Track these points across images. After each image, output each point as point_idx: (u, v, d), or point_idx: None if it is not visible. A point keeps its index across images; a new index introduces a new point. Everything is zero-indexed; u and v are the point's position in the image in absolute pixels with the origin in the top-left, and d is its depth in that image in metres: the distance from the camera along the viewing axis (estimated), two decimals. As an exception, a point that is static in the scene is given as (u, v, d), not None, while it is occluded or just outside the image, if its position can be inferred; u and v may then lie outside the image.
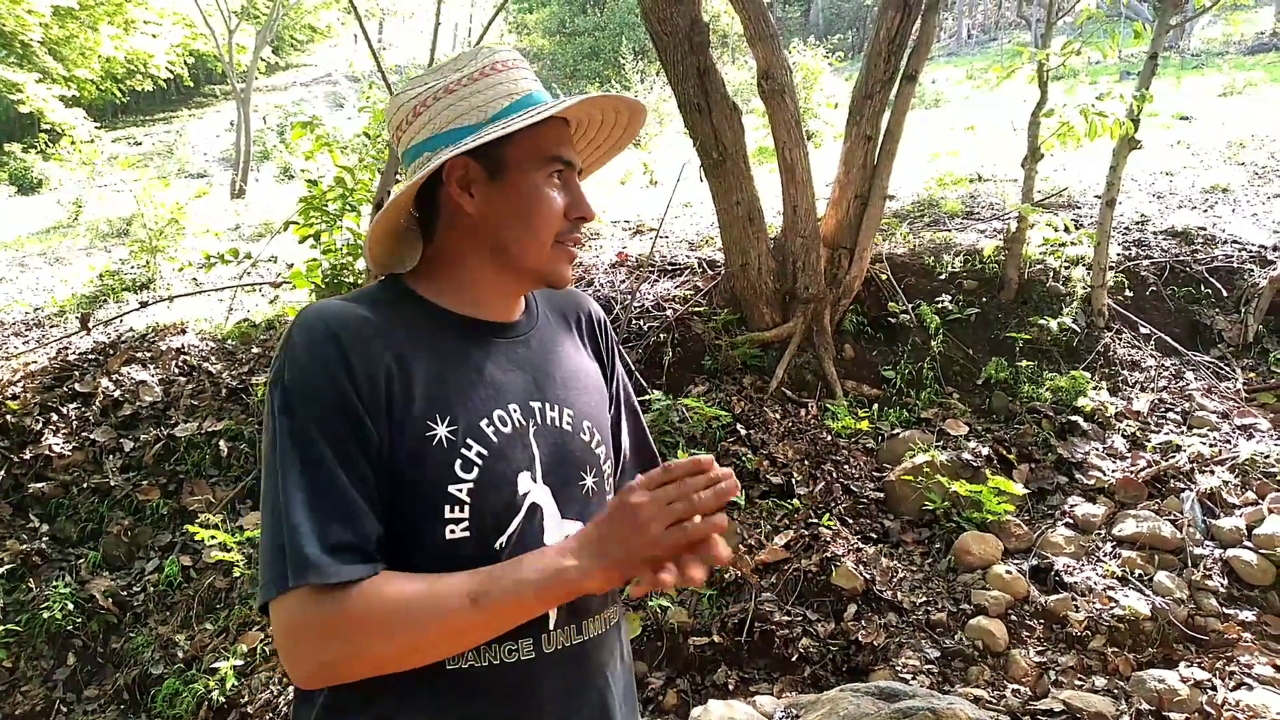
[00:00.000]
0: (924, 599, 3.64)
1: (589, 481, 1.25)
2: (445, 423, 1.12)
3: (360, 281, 5.07)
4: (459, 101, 1.20)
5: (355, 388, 1.08)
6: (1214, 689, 3.14)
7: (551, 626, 1.19)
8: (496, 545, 1.14)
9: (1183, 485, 4.19)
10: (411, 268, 1.26)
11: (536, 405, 1.22)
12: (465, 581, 1.04)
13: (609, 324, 1.47)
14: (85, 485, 4.53)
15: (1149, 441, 4.53)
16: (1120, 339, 5.28)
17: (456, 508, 1.11)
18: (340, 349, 1.09)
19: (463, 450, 1.12)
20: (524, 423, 1.19)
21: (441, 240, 1.24)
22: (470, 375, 1.18)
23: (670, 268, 5.98)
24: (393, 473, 1.09)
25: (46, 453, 4.62)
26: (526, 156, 1.19)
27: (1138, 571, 3.73)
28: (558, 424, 1.23)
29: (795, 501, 4.13)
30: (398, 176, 4.46)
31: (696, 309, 5.32)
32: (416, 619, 1.03)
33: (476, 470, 1.13)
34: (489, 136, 1.15)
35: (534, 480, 1.18)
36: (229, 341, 5.46)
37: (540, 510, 1.18)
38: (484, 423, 1.15)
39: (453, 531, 1.11)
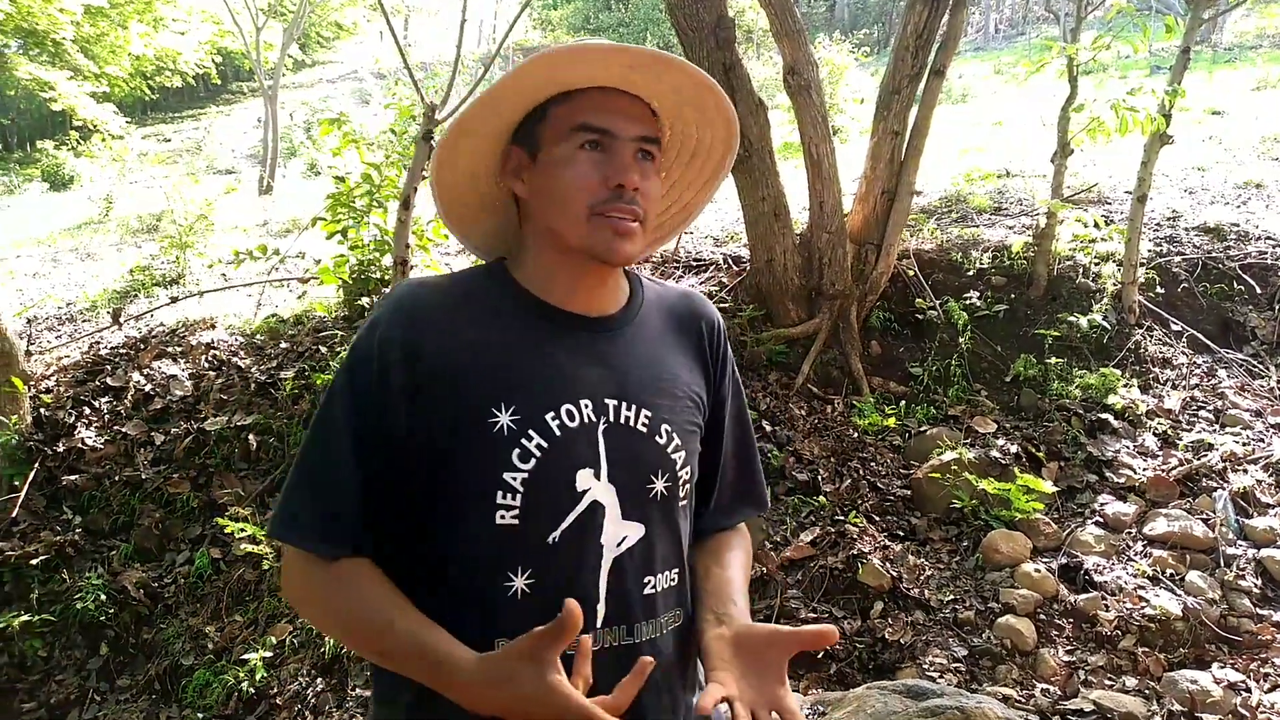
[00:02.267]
0: (951, 597, 3.62)
1: (659, 486, 1.21)
2: (508, 411, 1.13)
3: (387, 278, 5.10)
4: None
5: (407, 371, 1.12)
6: (1248, 690, 3.11)
7: (599, 624, 1.15)
8: (550, 539, 1.13)
9: (1215, 484, 4.13)
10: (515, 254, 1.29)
11: (612, 403, 1.19)
12: (395, 613, 1.08)
13: (725, 334, 1.40)
14: (117, 478, 4.58)
15: (1180, 440, 4.47)
16: (1151, 336, 5.22)
17: (509, 495, 1.12)
18: (408, 332, 1.14)
19: (523, 440, 1.12)
20: (594, 419, 1.17)
21: (521, 228, 1.27)
22: (542, 365, 1.17)
23: (695, 264, 5.97)
24: (440, 454, 1.13)
25: (79, 446, 4.68)
26: (555, 131, 1.17)
27: (1169, 571, 3.69)
28: (632, 424, 1.19)
29: (821, 498, 4.11)
30: (423, 174, 4.48)
31: (722, 305, 5.31)
32: (346, 623, 1.12)
33: (534, 461, 1.13)
34: (461, 111, 1.18)
35: (596, 478, 1.15)
36: (257, 336, 5.50)
37: (602, 508, 1.15)
38: (549, 415, 1.14)
39: (503, 518, 1.12)
